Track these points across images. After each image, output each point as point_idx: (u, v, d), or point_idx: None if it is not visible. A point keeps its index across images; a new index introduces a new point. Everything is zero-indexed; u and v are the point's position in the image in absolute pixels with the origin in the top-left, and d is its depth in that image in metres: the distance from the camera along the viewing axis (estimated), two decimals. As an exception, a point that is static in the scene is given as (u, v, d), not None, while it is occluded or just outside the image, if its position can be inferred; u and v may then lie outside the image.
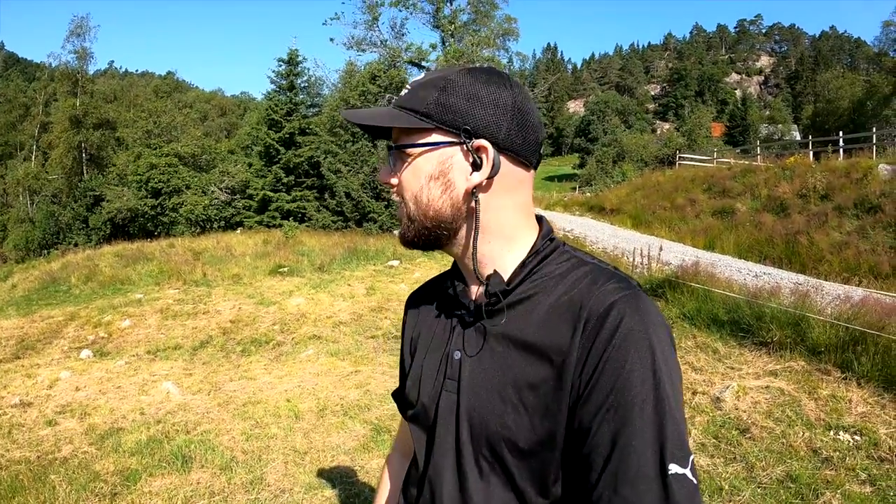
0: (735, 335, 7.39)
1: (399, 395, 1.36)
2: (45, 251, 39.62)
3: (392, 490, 1.44)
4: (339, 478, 4.83)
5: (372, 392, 6.88)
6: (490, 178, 1.02)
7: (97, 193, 41.42)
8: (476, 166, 1.02)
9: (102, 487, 4.87)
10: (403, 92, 1.05)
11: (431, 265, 15.27)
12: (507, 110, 1.02)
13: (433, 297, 1.26)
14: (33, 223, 45.33)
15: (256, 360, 9.14)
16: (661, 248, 11.83)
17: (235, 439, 5.70)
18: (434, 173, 1.02)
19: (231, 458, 5.25)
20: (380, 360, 8.48)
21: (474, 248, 1.04)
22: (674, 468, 0.83)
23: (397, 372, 1.41)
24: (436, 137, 1.01)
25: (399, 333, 1.46)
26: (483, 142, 1.01)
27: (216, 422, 6.19)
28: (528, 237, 1.08)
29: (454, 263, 1.18)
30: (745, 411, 5.35)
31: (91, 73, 54.40)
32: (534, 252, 1.06)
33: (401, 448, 1.50)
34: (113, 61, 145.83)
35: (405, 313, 1.35)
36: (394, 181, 1.05)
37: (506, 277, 1.05)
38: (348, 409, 6.38)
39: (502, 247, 1.07)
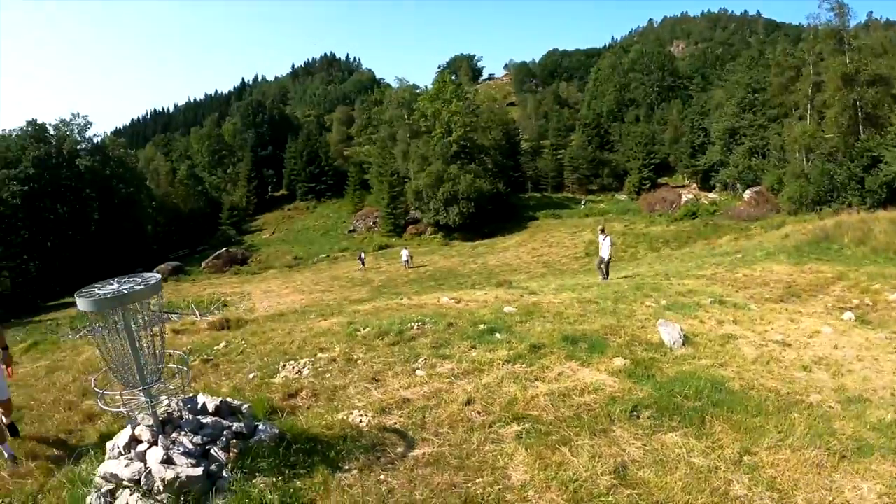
0: None
1: None
2: (818, 207, 40.25)
3: None
4: None
5: None
6: None
7: (874, 154, 39.77)
8: None
9: (835, 445, 4.94)
10: None
11: None
12: None
13: None
14: (808, 179, 46.41)
15: None
16: None
17: None
18: None
19: None
20: None
21: None
22: None
23: None
24: None
25: None
26: None
27: None
28: None
29: None
30: None
31: (851, 27, 52.22)
32: None
33: None
34: (871, 12, 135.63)
35: None
36: None
37: None
38: None
39: None
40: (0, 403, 6.09)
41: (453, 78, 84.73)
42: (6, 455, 6.07)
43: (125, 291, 4.72)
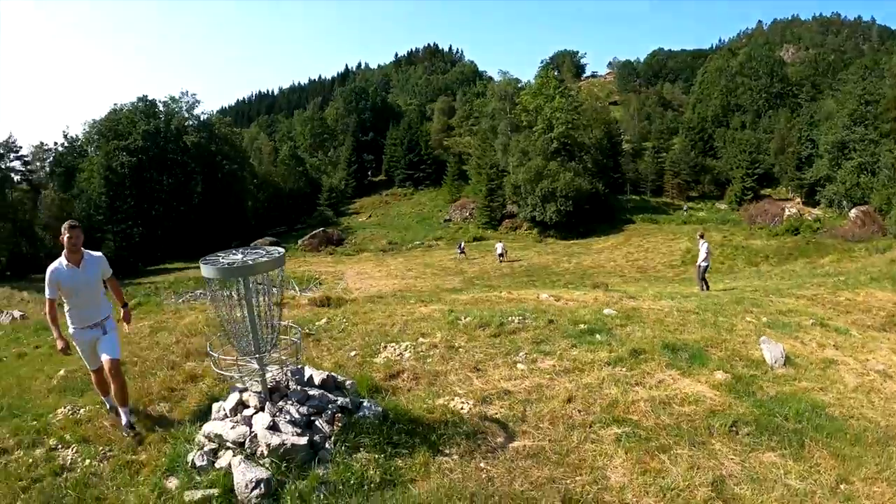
0: None
1: None
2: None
3: None
4: None
5: None
6: None
7: None
8: None
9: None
10: None
11: None
12: None
13: None
14: (918, 201, 44.07)
15: None
16: None
17: None
18: None
19: None
20: None
21: None
22: None
23: None
24: None
25: None
26: None
27: None
28: None
29: None
30: None
31: None
32: None
33: None
34: None
35: None
36: None
37: None
38: None
39: None
40: (110, 362, 6.04)
41: (555, 74, 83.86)
42: (108, 406, 6.44)
43: (250, 262, 4.97)
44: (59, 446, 5.82)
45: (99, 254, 6.28)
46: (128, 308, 6.77)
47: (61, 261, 5.94)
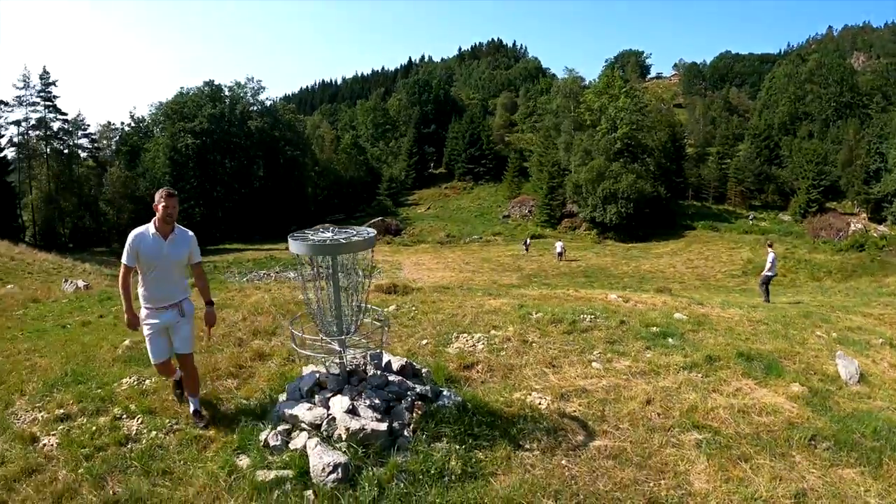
0: None
1: None
2: None
3: None
4: None
5: None
6: None
7: None
8: None
9: None
10: None
11: None
12: None
13: None
14: None
15: None
16: None
17: None
18: None
19: None
20: None
21: None
22: None
23: None
24: None
25: None
26: None
27: None
28: None
29: None
30: None
31: None
32: None
33: None
34: None
35: None
36: None
37: None
38: None
39: None
40: (183, 357, 5.66)
41: (620, 73, 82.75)
42: (174, 377, 6.11)
43: (342, 241, 4.92)
44: (124, 416, 5.80)
45: (191, 233, 5.67)
46: (213, 308, 6.00)
47: (148, 227, 5.41)
